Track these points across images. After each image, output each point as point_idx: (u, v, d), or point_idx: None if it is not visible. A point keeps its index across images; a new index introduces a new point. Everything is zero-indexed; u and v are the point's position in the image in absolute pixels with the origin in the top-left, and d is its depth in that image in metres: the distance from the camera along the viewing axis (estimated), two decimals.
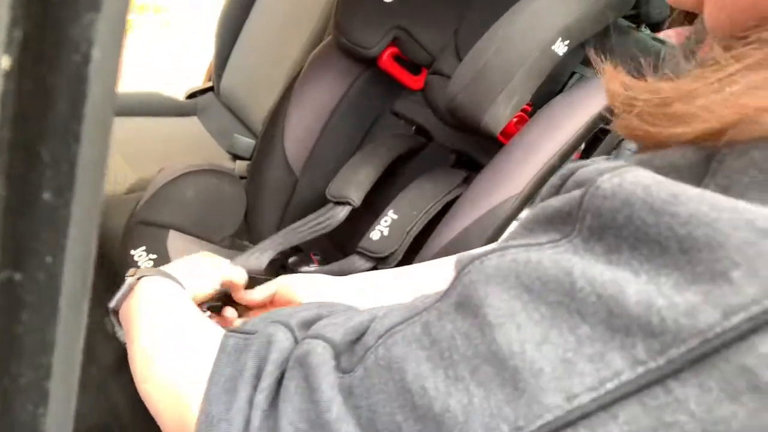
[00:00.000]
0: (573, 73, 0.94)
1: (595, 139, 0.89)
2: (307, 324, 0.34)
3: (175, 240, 0.94)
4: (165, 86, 1.79)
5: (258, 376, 0.31)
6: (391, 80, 1.08)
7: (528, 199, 0.83)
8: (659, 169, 0.24)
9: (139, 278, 0.49)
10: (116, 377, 1.23)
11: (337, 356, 0.30)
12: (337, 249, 1.06)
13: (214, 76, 1.68)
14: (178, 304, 0.47)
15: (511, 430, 0.21)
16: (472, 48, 0.84)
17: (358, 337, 0.30)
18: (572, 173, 0.26)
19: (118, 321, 0.50)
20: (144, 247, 0.91)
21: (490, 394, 0.22)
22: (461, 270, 0.26)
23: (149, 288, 0.48)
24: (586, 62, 0.94)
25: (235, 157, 1.49)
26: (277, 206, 1.09)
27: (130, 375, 1.18)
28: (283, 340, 0.33)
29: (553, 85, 0.93)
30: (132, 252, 0.91)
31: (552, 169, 0.82)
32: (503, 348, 0.22)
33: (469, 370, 0.23)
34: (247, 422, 0.30)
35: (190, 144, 1.54)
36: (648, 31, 0.94)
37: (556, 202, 0.25)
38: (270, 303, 0.63)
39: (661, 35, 0.94)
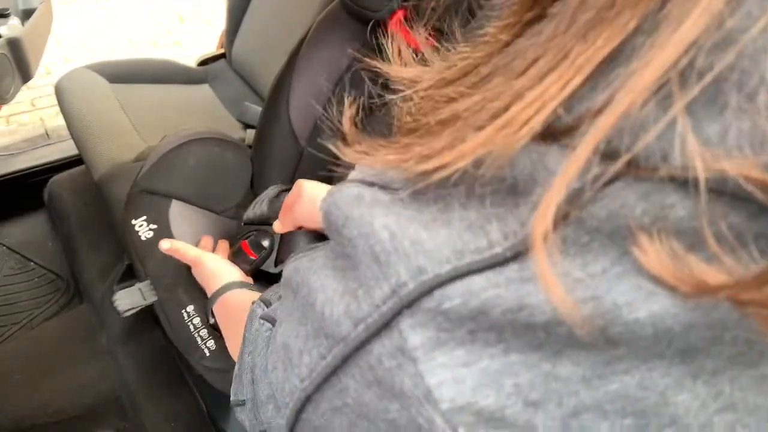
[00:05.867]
0: None
1: None
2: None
3: (177, 210, 0.93)
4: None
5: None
6: None
7: None
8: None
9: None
10: (124, 345, 1.24)
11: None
12: None
13: (226, 42, 1.65)
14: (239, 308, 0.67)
15: (290, 401, 0.29)
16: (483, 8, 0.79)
17: None
18: None
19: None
20: (145, 217, 0.90)
21: (284, 372, 0.30)
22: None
23: (225, 301, 0.71)
24: None
25: (246, 125, 1.47)
26: (283, 176, 1.06)
27: (137, 343, 1.17)
28: (258, 312, 0.46)
29: None
30: (133, 221, 0.90)
31: None
32: (278, 338, 0.31)
33: (280, 352, 0.31)
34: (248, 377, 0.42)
35: (200, 112, 1.52)
36: None
37: None
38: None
39: None
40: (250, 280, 0.79)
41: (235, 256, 0.83)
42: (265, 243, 0.81)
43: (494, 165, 0.22)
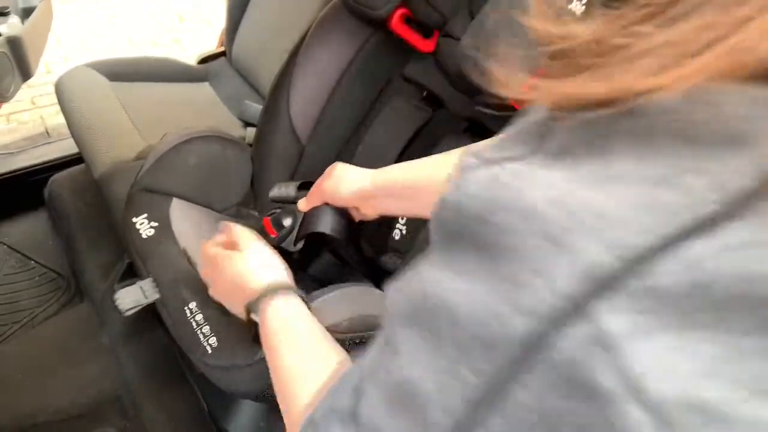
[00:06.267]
0: None
1: None
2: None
3: (177, 208, 0.93)
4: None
5: None
6: (402, 43, 1.03)
7: None
8: (518, 133, 0.26)
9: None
10: (126, 344, 1.24)
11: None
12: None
13: (226, 40, 1.65)
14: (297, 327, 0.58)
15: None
16: (484, 7, 0.79)
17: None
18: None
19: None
20: (146, 215, 0.90)
21: (409, 421, 0.26)
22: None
23: (275, 311, 0.60)
24: None
25: (246, 123, 1.47)
26: (284, 175, 1.06)
27: (138, 342, 1.17)
28: None
29: None
30: (134, 219, 0.90)
31: None
32: (405, 377, 0.26)
33: (398, 402, 0.27)
34: None
35: (201, 110, 1.52)
36: None
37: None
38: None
39: None
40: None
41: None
42: (287, 222, 0.81)
43: (704, 102, 0.19)
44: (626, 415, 0.19)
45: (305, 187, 0.88)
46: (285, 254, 0.82)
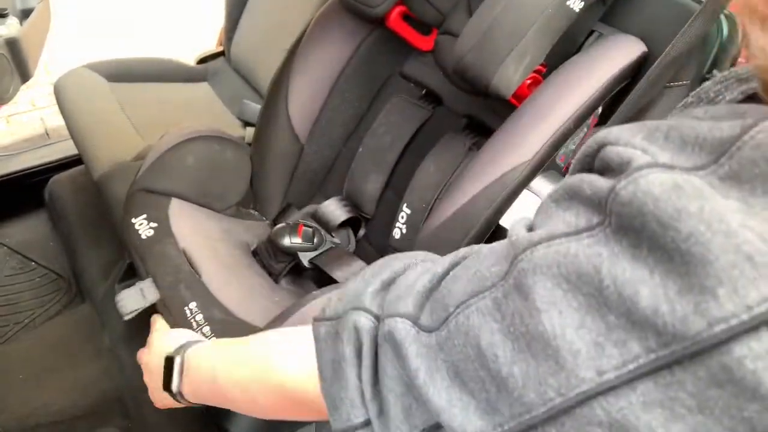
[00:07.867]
0: (592, 32, 0.89)
1: (614, 102, 0.84)
2: (377, 295, 0.41)
3: (176, 208, 0.92)
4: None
5: (358, 357, 0.39)
6: (400, 41, 1.03)
7: (539, 167, 0.79)
8: (689, 134, 0.27)
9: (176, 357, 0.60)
10: (126, 343, 1.23)
11: (415, 322, 0.36)
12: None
13: (224, 40, 1.65)
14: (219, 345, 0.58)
15: (556, 395, 0.27)
16: (481, 4, 0.78)
17: (426, 298, 0.37)
18: (601, 147, 0.30)
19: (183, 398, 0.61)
20: (145, 215, 0.90)
21: (539, 366, 0.28)
22: (516, 256, 0.31)
23: (195, 355, 0.59)
24: (606, 19, 0.88)
25: (246, 123, 1.46)
26: (283, 174, 1.06)
27: (139, 342, 1.19)
28: (366, 323, 0.40)
29: (570, 44, 0.88)
30: (133, 220, 0.90)
31: (566, 135, 0.77)
32: (548, 330, 0.28)
33: (526, 344, 0.28)
34: (362, 396, 0.38)
35: (200, 110, 1.52)
36: None
37: (588, 190, 0.29)
38: None
39: None
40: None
41: (283, 228, 0.92)
42: (316, 240, 0.90)
43: None
44: None
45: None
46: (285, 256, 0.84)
